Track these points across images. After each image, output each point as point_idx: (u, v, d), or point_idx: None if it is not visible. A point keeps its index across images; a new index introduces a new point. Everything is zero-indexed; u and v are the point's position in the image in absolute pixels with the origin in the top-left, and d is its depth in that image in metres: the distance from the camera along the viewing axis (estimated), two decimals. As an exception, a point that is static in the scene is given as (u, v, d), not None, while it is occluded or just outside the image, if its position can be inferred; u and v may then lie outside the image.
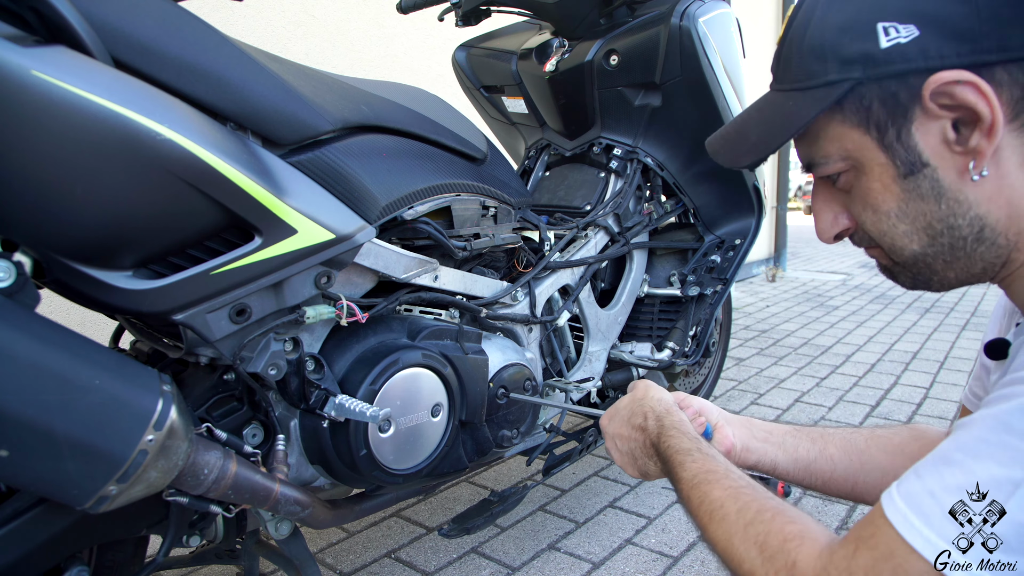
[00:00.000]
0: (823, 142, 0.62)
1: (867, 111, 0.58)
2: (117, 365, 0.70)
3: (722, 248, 1.74)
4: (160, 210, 0.74)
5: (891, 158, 0.58)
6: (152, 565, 0.87)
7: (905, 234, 0.61)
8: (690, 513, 0.69)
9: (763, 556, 0.58)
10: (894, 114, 0.56)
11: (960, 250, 0.59)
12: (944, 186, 0.57)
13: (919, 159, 0.57)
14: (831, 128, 0.61)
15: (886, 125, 0.57)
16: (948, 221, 0.58)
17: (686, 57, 1.51)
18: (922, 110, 0.55)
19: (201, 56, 0.80)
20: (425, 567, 1.45)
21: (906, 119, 0.56)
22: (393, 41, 2.73)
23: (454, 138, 1.21)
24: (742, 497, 0.64)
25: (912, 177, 0.57)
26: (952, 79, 0.52)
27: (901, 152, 0.57)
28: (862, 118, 0.58)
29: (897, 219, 0.60)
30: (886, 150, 0.58)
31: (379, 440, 1.00)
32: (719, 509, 0.64)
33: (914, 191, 0.58)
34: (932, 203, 0.58)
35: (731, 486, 0.66)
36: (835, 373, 2.81)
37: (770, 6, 5.67)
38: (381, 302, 1.06)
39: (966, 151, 0.55)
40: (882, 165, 0.59)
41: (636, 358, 1.63)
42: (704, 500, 0.67)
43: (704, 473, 0.69)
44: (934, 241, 0.60)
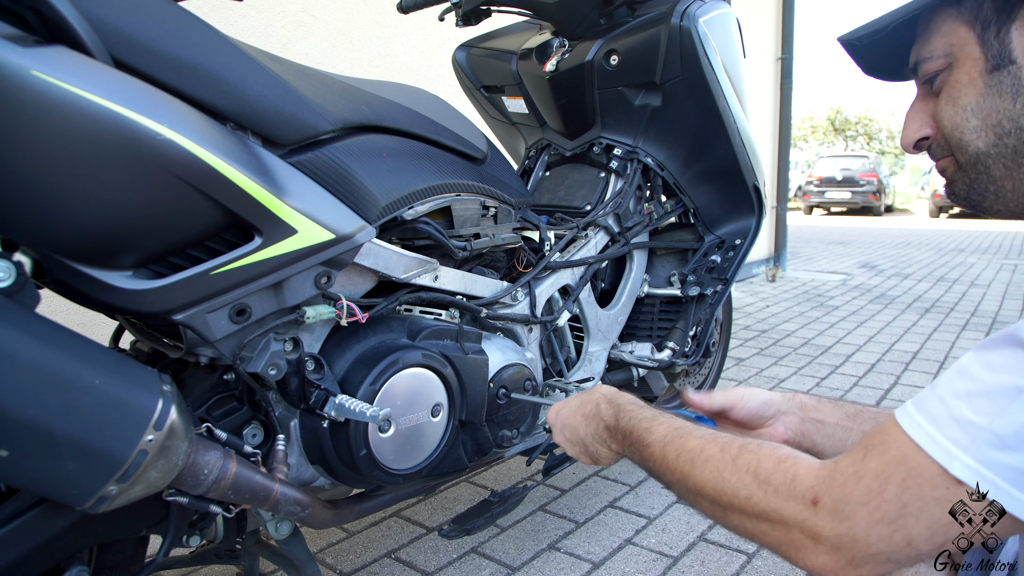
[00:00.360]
0: (934, 38, 0.66)
1: (979, 7, 0.63)
2: (117, 365, 0.70)
3: (722, 248, 1.74)
4: (160, 210, 0.74)
5: (985, 51, 0.62)
6: (152, 565, 0.87)
7: (975, 129, 0.64)
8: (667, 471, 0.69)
9: (758, 480, 0.59)
10: (1001, 12, 0.61)
11: (1023, 156, 0.62)
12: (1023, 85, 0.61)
13: (1008, 56, 0.61)
14: (945, 24, 0.65)
15: (990, 22, 0.62)
16: (1019, 121, 0.61)
17: (686, 57, 1.51)
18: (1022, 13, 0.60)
19: (201, 56, 0.80)
20: (425, 567, 1.45)
21: (1009, 19, 0.61)
22: (393, 41, 2.73)
23: (454, 138, 1.21)
24: (720, 439, 0.65)
25: (997, 72, 0.62)
26: None
27: (995, 47, 0.62)
28: (973, 15, 0.63)
29: (972, 113, 0.64)
30: (983, 44, 0.62)
31: (379, 440, 1.00)
32: (700, 454, 0.65)
33: (995, 86, 0.62)
34: (1008, 100, 0.62)
35: (705, 434, 0.68)
36: (835, 373, 2.81)
37: (770, 6, 5.67)
38: (381, 302, 1.06)
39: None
40: (975, 59, 0.63)
41: (636, 358, 1.63)
42: (681, 451, 0.68)
43: (673, 431, 0.71)
44: (1000, 140, 0.63)
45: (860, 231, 10.64)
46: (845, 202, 16.09)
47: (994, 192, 0.65)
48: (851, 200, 16.00)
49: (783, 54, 5.78)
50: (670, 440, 0.70)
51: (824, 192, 16.25)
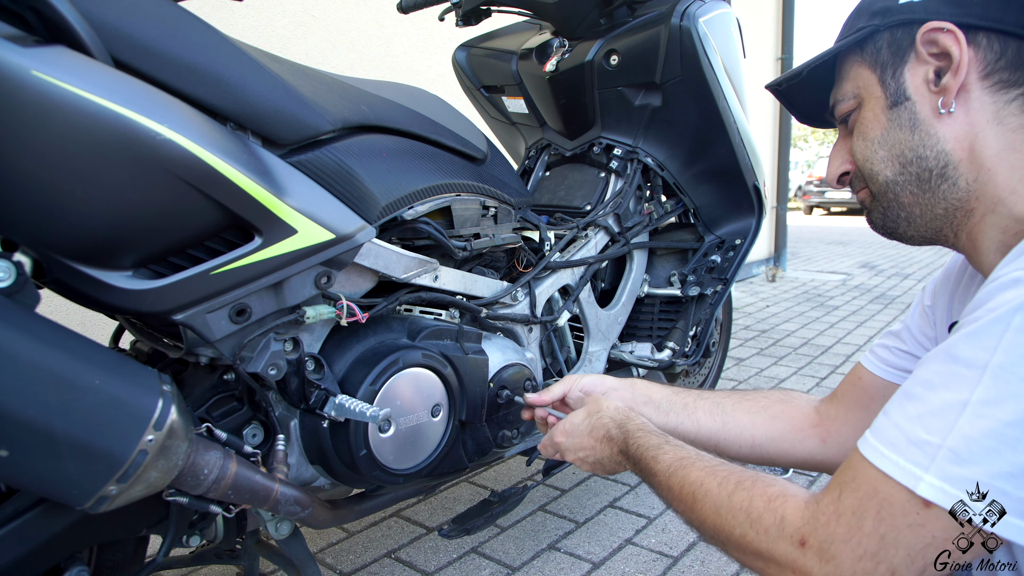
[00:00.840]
0: (846, 82, 0.75)
1: (878, 52, 0.71)
2: (117, 365, 0.70)
3: (722, 248, 1.74)
4: (160, 210, 0.74)
5: (885, 91, 0.70)
6: (152, 565, 0.87)
7: (882, 160, 0.71)
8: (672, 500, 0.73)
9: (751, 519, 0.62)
10: (895, 55, 0.69)
11: (925, 182, 0.68)
12: (919, 119, 0.68)
13: (904, 93, 0.69)
14: (853, 69, 0.74)
15: (887, 64, 0.70)
16: (918, 151, 0.68)
17: (686, 57, 1.51)
18: (915, 54, 0.68)
19: (201, 56, 0.80)
20: (425, 567, 1.45)
21: (902, 60, 0.69)
22: (393, 41, 2.73)
23: (454, 138, 1.21)
24: (719, 473, 0.69)
25: (896, 108, 0.69)
26: (938, 26, 0.65)
27: (893, 86, 0.70)
28: (873, 58, 0.71)
29: (879, 145, 0.71)
30: (883, 85, 0.70)
31: (379, 440, 1.00)
32: (700, 488, 0.69)
33: (896, 120, 0.69)
34: (908, 132, 0.69)
35: (706, 466, 0.71)
36: (835, 373, 2.81)
37: (770, 6, 5.67)
38: (381, 302, 1.06)
39: (939, 91, 0.66)
40: (877, 98, 0.71)
41: (636, 358, 1.63)
42: (684, 483, 0.71)
43: (678, 460, 0.74)
44: (904, 169, 0.69)
45: (860, 231, 10.63)
46: (845, 202, 16.08)
47: (905, 218, 0.72)
48: (851, 200, 15.94)
49: (783, 54, 5.78)
50: (674, 471, 0.73)
51: (824, 192, 16.25)
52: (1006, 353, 0.49)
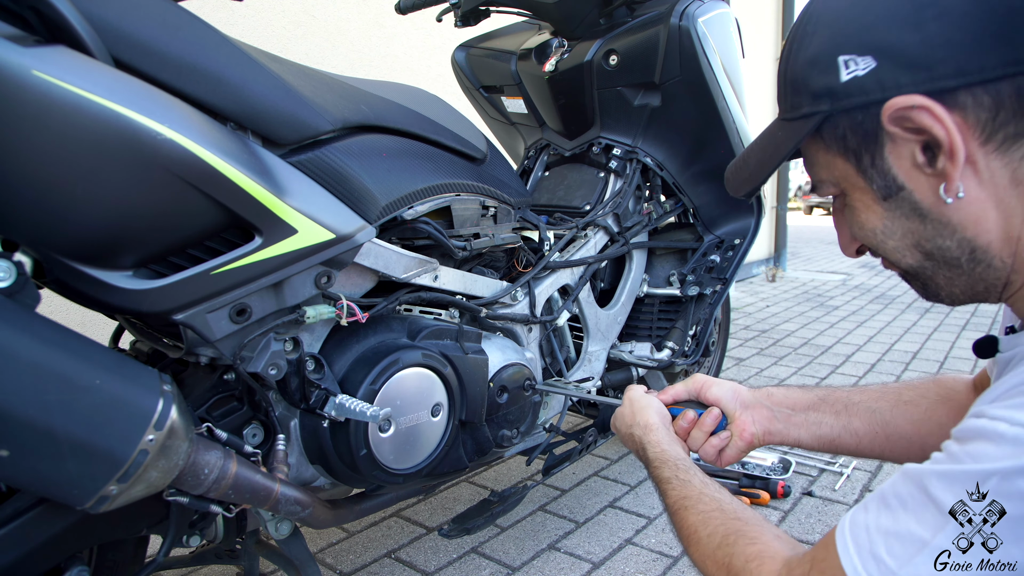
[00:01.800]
0: (817, 168, 0.65)
1: (843, 140, 0.59)
2: (117, 365, 0.70)
3: (721, 248, 1.74)
4: (160, 210, 0.74)
5: (869, 182, 0.59)
6: (152, 565, 0.87)
7: (896, 250, 0.62)
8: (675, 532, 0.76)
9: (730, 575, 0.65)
10: (865, 141, 0.58)
11: (957, 267, 0.59)
12: (924, 207, 0.57)
13: (894, 182, 0.58)
14: (819, 156, 0.63)
15: (860, 152, 0.58)
16: (936, 242, 0.58)
17: (685, 57, 1.51)
18: (889, 137, 0.56)
19: (201, 56, 0.80)
20: (425, 567, 1.46)
21: (877, 144, 0.57)
22: (393, 41, 2.73)
23: (454, 138, 1.21)
24: (711, 522, 0.70)
25: (891, 199, 0.59)
26: (905, 104, 0.53)
27: (877, 177, 0.58)
28: (840, 146, 0.60)
29: (884, 236, 0.62)
30: (864, 175, 0.59)
31: (379, 440, 1.00)
32: (693, 534, 0.71)
33: (896, 211, 0.59)
34: (916, 222, 0.58)
35: (702, 511, 0.72)
36: (835, 373, 2.81)
37: (770, 6, 5.67)
38: (381, 302, 1.06)
39: (937, 174, 0.55)
40: (863, 189, 0.60)
41: (636, 358, 1.63)
42: (682, 526, 0.73)
43: (681, 500, 0.75)
44: (928, 258, 0.60)
45: (859, 231, 10.62)
46: (845, 202, 16.07)
47: (947, 292, 0.63)
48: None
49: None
50: (676, 511, 0.75)
51: (824, 192, 16.23)
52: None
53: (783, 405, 0.88)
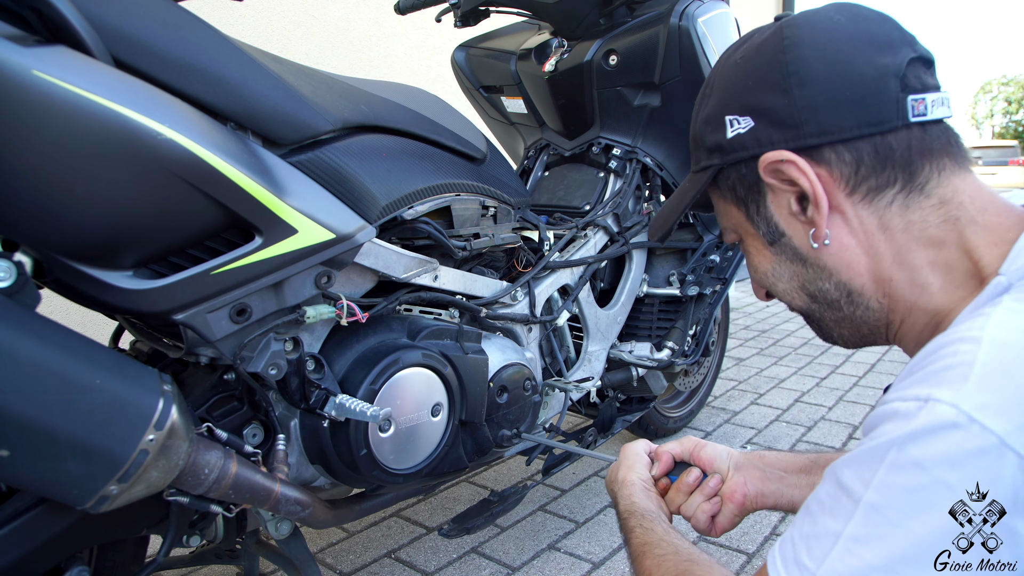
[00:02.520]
0: (720, 216, 0.72)
1: (733, 190, 0.66)
2: (117, 365, 0.70)
3: (721, 248, 1.74)
4: (161, 210, 0.74)
5: (757, 228, 0.66)
6: (152, 565, 0.87)
7: (786, 292, 0.68)
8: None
9: None
10: (750, 191, 0.65)
11: (838, 310, 0.64)
12: (802, 253, 0.63)
13: (776, 229, 0.64)
14: (719, 204, 0.70)
15: (747, 200, 0.65)
16: (817, 284, 0.64)
17: (685, 57, 1.51)
18: (768, 187, 0.63)
19: (201, 56, 0.80)
20: (425, 567, 1.46)
21: (760, 194, 0.64)
22: (393, 41, 2.73)
23: (454, 138, 1.21)
24: (663, 565, 0.73)
25: (776, 244, 0.65)
26: (775, 159, 0.59)
27: (763, 224, 0.65)
28: (732, 196, 0.67)
29: (775, 278, 0.68)
30: (752, 222, 0.66)
31: (379, 440, 1.00)
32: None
33: (781, 255, 0.66)
34: (799, 266, 0.64)
35: (658, 555, 0.75)
36: (835, 373, 2.81)
37: (770, 6, 5.67)
38: (381, 302, 1.06)
39: (808, 221, 0.61)
40: (754, 234, 0.67)
41: (635, 358, 1.64)
42: (640, 570, 0.76)
43: (641, 546, 0.78)
44: (814, 300, 0.66)
45: (859, 231, 10.63)
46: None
47: (838, 334, 0.68)
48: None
49: (782, 54, 5.78)
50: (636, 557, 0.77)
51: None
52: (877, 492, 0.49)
53: (775, 467, 0.88)
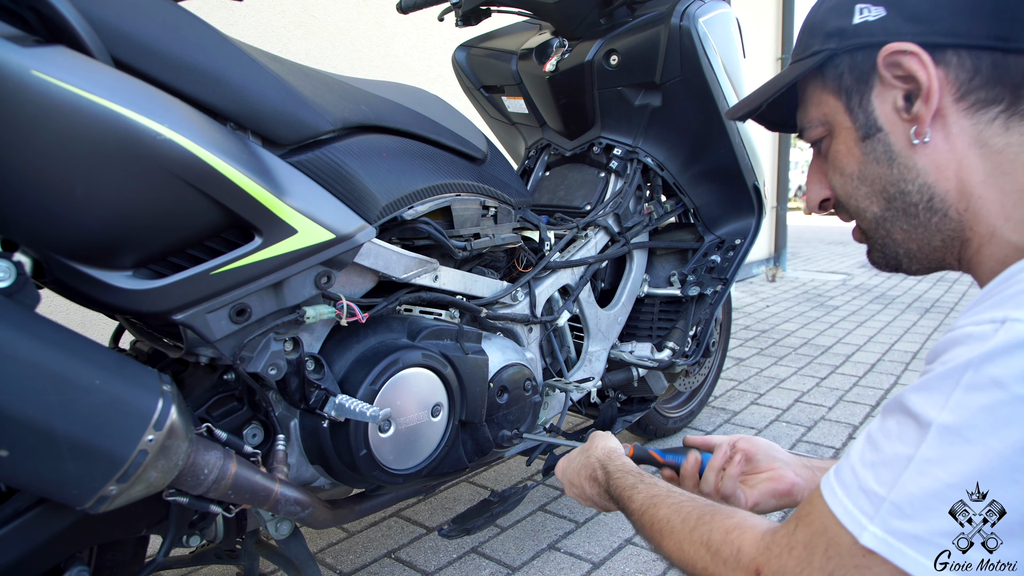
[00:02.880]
0: (810, 107, 0.70)
1: (840, 78, 0.66)
2: (117, 365, 0.70)
3: (722, 248, 1.74)
4: (160, 210, 0.74)
5: (854, 121, 0.66)
6: (152, 565, 0.87)
7: (866, 196, 0.67)
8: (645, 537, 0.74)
9: (710, 552, 0.63)
10: (859, 81, 0.64)
11: (914, 217, 0.64)
12: (895, 151, 0.63)
13: (875, 123, 0.64)
14: (815, 94, 0.69)
15: (852, 91, 0.65)
16: (899, 186, 0.64)
17: (686, 57, 1.51)
18: (880, 79, 0.63)
19: (201, 56, 0.80)
20: (425, 567, 1.46)
21: (867, 86, 0.64)
22: (393, 41, 2.73)
23: (454, 138, 1.21)
24: (683, 509, 0.70)
25: (869, 140, 0.65)
26: (900, 49, 0.60)
27: (862, 116, 0.65)
28: (836, 84, 0.66)
29: (859, 181, 0.67)
30: (851, 113, 0.66)
31: (379, 440, 1.00)
32: (666, 525, 0.70)
33: (871, 154, 0.65)
34: (885, 167, 0.64)
35: (673, 503, 0.72)
36: (835, 373, 2.81)
37: (770, 6, 5.67)
38: (381, 302, 1.06)
39: (912, 118, 0.62)
40: (847, 128, 0.66)
41: (636, 358, 1.63)
42: (654, 521, 0.73)
43: (650, 499, 0.75)
44: (890, 205, 0.66)
45: (860, 231, 10.62)
46: (845, 202, 16.08)
47: (904, 254, 0.67)
48: (851, 200, 15.97)
49: (783, 54, 5.78)
50: (645, 510, 0.75)
51: (824, 192, 16.24)
52: (953, 413, 0.48)
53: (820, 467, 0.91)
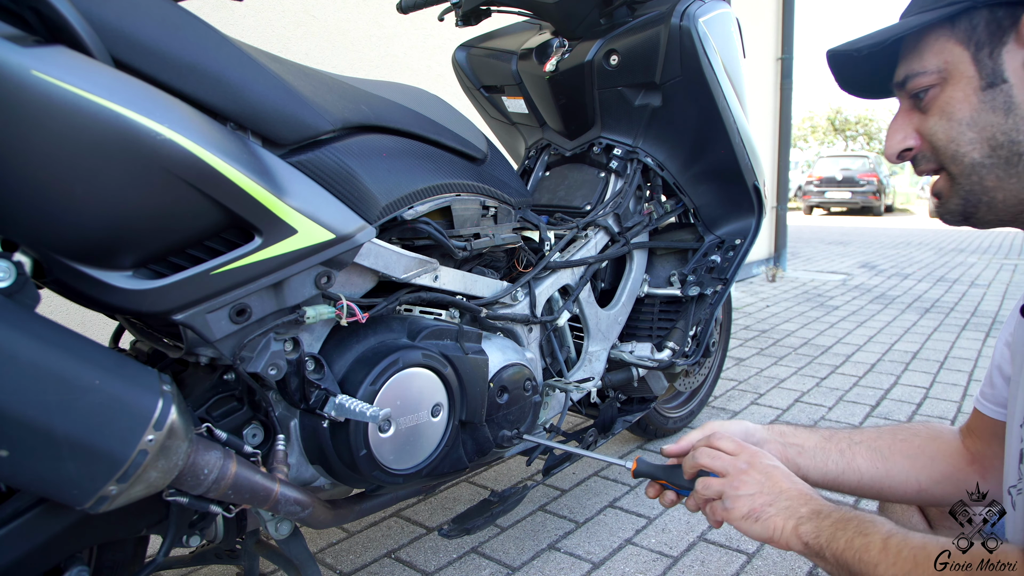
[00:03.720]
0: (927, 55, 0.72)
1: (973, 29, 0.68)
2: (117, 365, 0.70)
3: (722, 248, 1.74)
4: (160, 210, 0.74)
5: (979, 70, 0.68)
6: (152, 565, 0.87)
7: (970, 141, 0.69)
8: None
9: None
10: (994, 35, 0.67)
11: (1014, 166, 0.68)
12: (1015, 103, 0.67)
13: (1001, 76, 0.67)
14: (938, 43, 0.71)
15: (984, 43, 0.68)
16: (1011, 135, 0.67)
17: (686, 57, 1.51)
18: (1016, 36, 0.66)
19: (201, 56, 0.80)
20: (425, 567, 1.45)
21: (1001, 42, 0.67)
22: (393, 41, 2.73)
23: (454, 138, 1.21)
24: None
25: (991, 90, 0.68)
26: None
27: (989, 67, 0.68)
28: (967, 35, 0.69)
29: (968, 127, 0.69)
30: (977, 64, 0.68)
31: (379, 440, 1.00)
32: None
33: (989, 103, 0.68)
34: (1001, 116, 0.68)
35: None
36: (835, 373, 2.81)
37: (770, 6, 5.67)
38: (381, 302, 1.06)
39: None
40: (969, 77, 0.69)
41: (636, 358, 1.63)
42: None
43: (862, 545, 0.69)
44: (994, 152, 0.69)
45: (860, 231, 10.64)
46: (845, 202, 16.09)
47: (987, 203, 0.71)
48: (851, 200, 16.00)
49: (783, 54, 5.78)
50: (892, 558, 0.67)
51: (824, 192, 16.26)
52: None
53: (793, 443, 0.94)
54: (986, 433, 0.90)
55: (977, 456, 0.91)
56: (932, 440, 0.95)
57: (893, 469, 0.93)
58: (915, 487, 0.92)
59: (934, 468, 0.92)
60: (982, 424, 0.90)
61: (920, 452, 0.94)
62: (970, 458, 0.92)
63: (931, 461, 0.93)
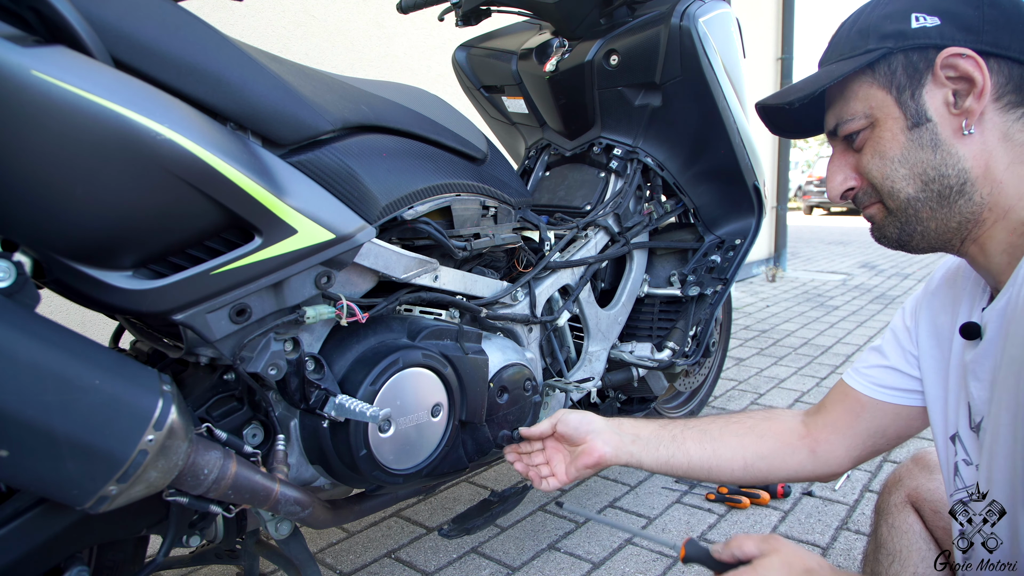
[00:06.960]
0: (852, 101, 0.77)
1: (892, 74, 0.73)
2: (117, 365, 0.70)
3: (722, 248, 1.74)
4: (160, 210, 0.74)
5: (904, 112, 0.73)
6: (152, 565, 0.87)
7: (904, 177, 0.74)
8: None
9: None
10: (912, 78, 0.72)
11: (945, 199, 0.72)
12: (941, 139, 0.72)
13: (925, 115, 0.72)
14: (862, 89, 0.76)
15: (904, 86, 0.73)
16: (940, 170, 0.72)
17: (686, 57, 1.51)
18: (933, 77, 0.71)
19: (201, 56, 0.80)
20: (425, 567, 1.46)
21: (920, 83, 0.72)
22: (393, 41, 2.73)
23: (454, 138, 1.21)
24: None
25: (917, 129, 0.72)
26: (958, 52, 0.69)
27: (912, 108, 0.72)
28: (888, 80, 0.73)
29: (899, 163, 0.74)
30: (901, 106, 0.73)
31: (379, 440, 1.00)
32: None
33: (917, 141, 0.73)
34: (929, 152, 0.72)
35: None
36: (835, 373, 2.81)
37: (770, 6, 5.67)
38: (381, 302, 1.06)
39: (960, 113, 0.71)
40: (895, 118, 0.73)
41: (636, 358, 1.63)
42: None
43: None
44: (926, 187, 0.73)
45: (860, 231, 10.63)
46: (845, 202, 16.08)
47: (921, 232, 0.75)
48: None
49: (783, 54, 5.78)
50: None
51: (824, 192, 16.26)
52: None
53: (629, 432, 1.01)
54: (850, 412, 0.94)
55: (814, 432, 0.97)
56: (765, 420, 1.02)
57: (720, 448, 0.99)
58: (740, 463, 0.98)
59: (761, 445, 0.98)
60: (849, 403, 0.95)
61: (749, 431, 1.00)
62: (804, 434, 0.98)
63: (759, 439, 0.99)
